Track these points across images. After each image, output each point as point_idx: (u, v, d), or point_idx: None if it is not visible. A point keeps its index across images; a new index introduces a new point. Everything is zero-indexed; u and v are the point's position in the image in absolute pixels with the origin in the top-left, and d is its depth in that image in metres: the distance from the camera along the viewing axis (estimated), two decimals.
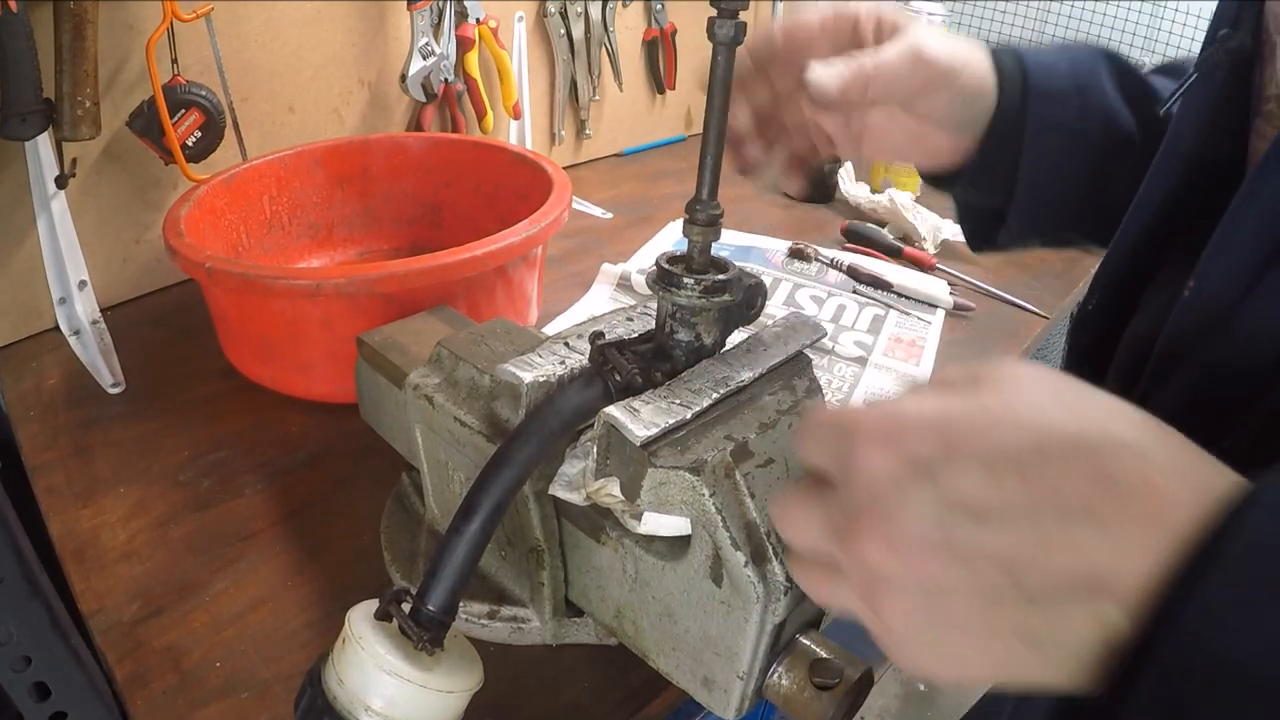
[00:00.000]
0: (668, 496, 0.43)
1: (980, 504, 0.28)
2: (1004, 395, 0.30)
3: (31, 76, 0.77)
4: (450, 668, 0.43)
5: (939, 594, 0.29)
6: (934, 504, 0.29)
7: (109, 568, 0.64)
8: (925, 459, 0.29)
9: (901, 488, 0.29)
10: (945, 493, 0.29)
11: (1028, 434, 0.28)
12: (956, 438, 0.29)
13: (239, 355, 0.84)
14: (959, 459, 0.29)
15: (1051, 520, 0.27)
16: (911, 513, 0.29)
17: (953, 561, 0.28)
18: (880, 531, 0.30)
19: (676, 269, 0.48)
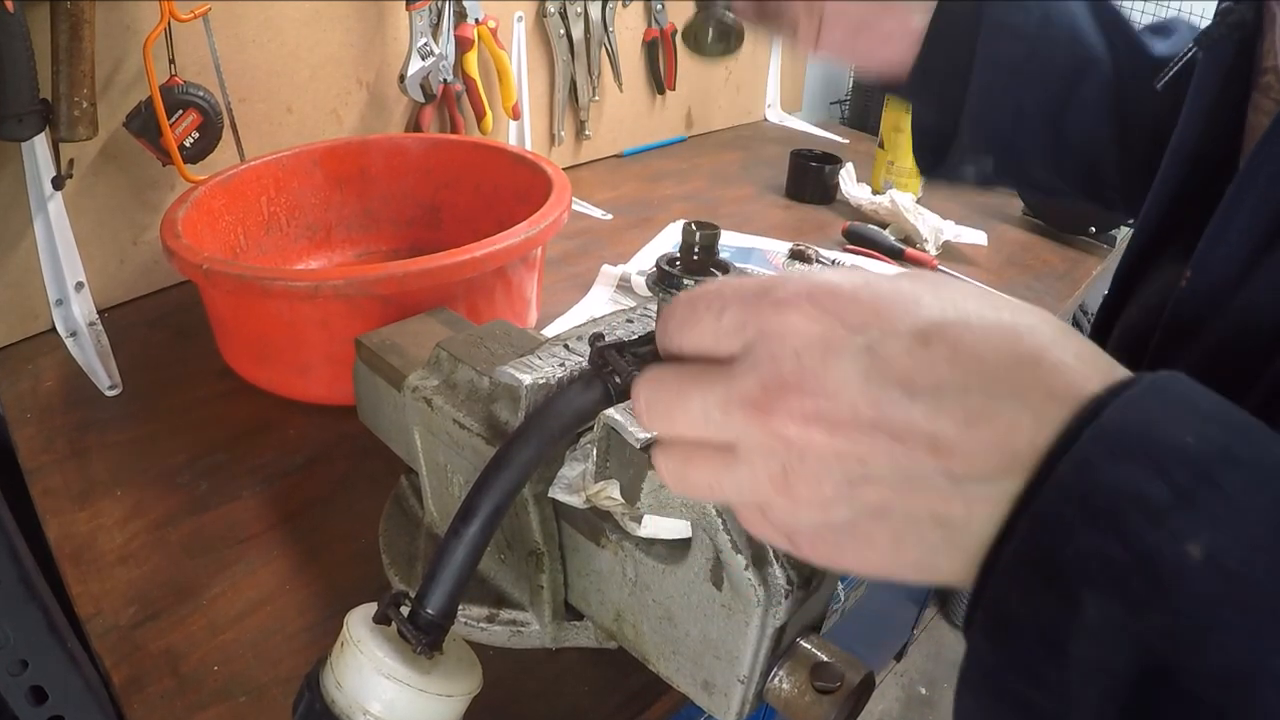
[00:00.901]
0: (668, 499, 0.43)
1: (913, 376, 0.26)
2: (925, 279, 0.29)
3: (28, 77, 0.77)
4: (449, 671, 0.43)
5: (862, 475, 0.27)
6: (865, 373, 0.27)
7: (106, 571, 0.64)
8: (855, 323, 0.27)
9: (833, 353, 0.27)
10: (878, 362, 0.27)
11: (954, 310, 0.27)
12: (887, 307, 0.27)
13: (237, 357, 0.84)
14: (890, 329, 0.27)
15: (979, 395, 0.26)
16: (842, 382, 0.27)
17: (879, 438, 0.27)
18: (806, 402, 0.27)
19: (676, 270, 0.47)
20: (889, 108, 1.34)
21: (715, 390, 0.29)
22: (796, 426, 0.27)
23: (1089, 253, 1.23)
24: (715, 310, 0.30)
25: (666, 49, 1.49)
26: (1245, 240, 0.40)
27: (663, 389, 0.31)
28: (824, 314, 0.28)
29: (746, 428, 0.29)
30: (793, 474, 0.28)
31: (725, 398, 0.29)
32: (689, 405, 0.30)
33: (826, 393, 0.27)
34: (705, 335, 0.30)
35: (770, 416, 0.28)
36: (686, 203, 1.35)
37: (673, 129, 1.62)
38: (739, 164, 1.51)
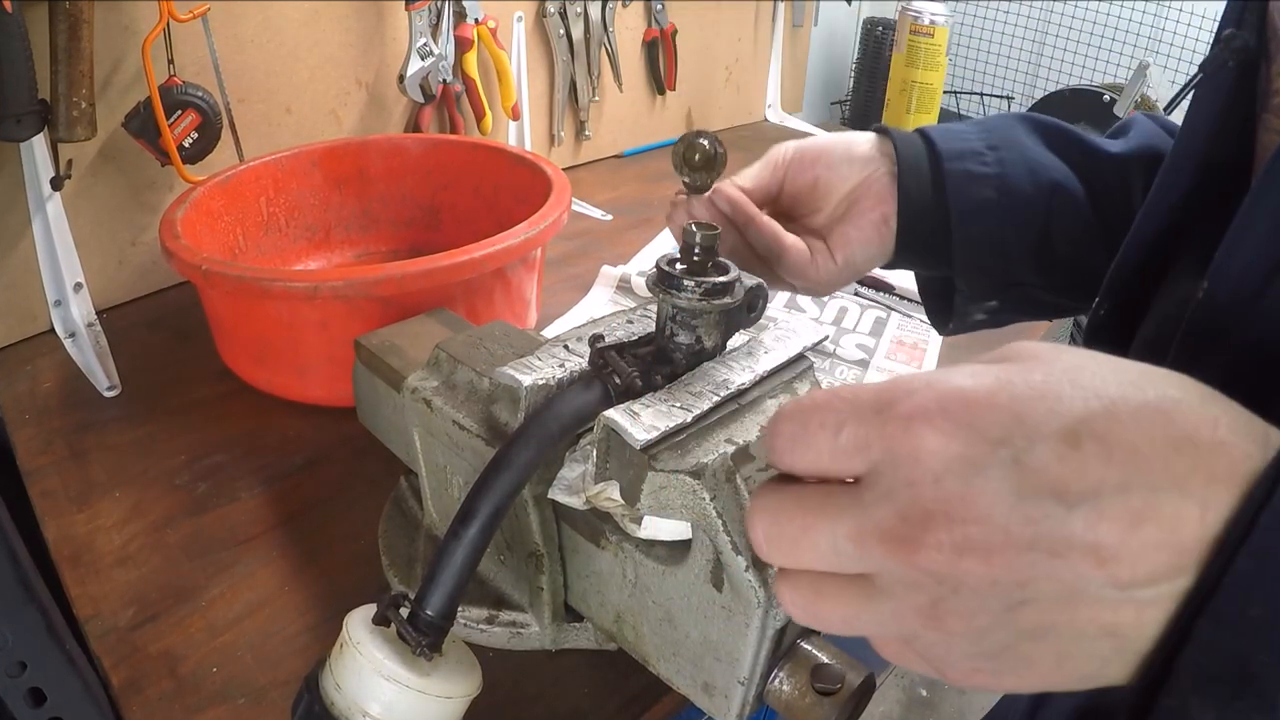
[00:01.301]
0: (668, 500, 0.43)
1: (1067, 484, 0.24)
2: (1054, 366, 0.26)
3: (26, 77, 0.77)
4: (448, 673, 0.43)
5: (1021, 600, 0.25)
6: (1016, 489, 0.25)
7: (105, 572, 0.64)
8: (999, 438, 0.25)
9: (977, 472, 0.25)
10: (1027, 475, 0.24)
11: (1098, 399, 0.25)
12: (1026, 409, 0.25)
13: (235, 358, 0.84)
14: (1033, 436, 0.25)
15: (1140, 492, 0.24)
16: (992, 503, 0.25)
17: (1039, 556, 0.24)
18: (954, 532, 0.25)
19: (676, 271, 0.47)
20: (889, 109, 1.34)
21: (844, 521, 0.27)
22: (946, 559, 0.25)
23: None
24: (830, 428, 0.28)
25: (667, 49, 1.49)
26: (1263, 251, 0.39)
27: (784, 521, 0.28)
28: (959, 428, 0.25)
29: (886, 561, 0.26)
30: (943, 606, 0.26)
31: (858, 530, 0.27)
32: (816, 539, 0.28)
33: (975, 518, 0.25)
34: (822, 455, 0.28)
35: (915, 551, 0.25)
36: None
37: (673, 129, 1.61)
38: (740, 164, 1.49)
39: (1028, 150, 0.59)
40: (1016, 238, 0.60)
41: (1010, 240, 0.60)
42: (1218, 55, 0.44)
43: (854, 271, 0.61)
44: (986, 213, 0.59)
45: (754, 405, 0.47)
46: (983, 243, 0.59)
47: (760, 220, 0.59)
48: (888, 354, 0.94)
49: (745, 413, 0.46)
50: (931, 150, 0.59)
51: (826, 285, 0.61)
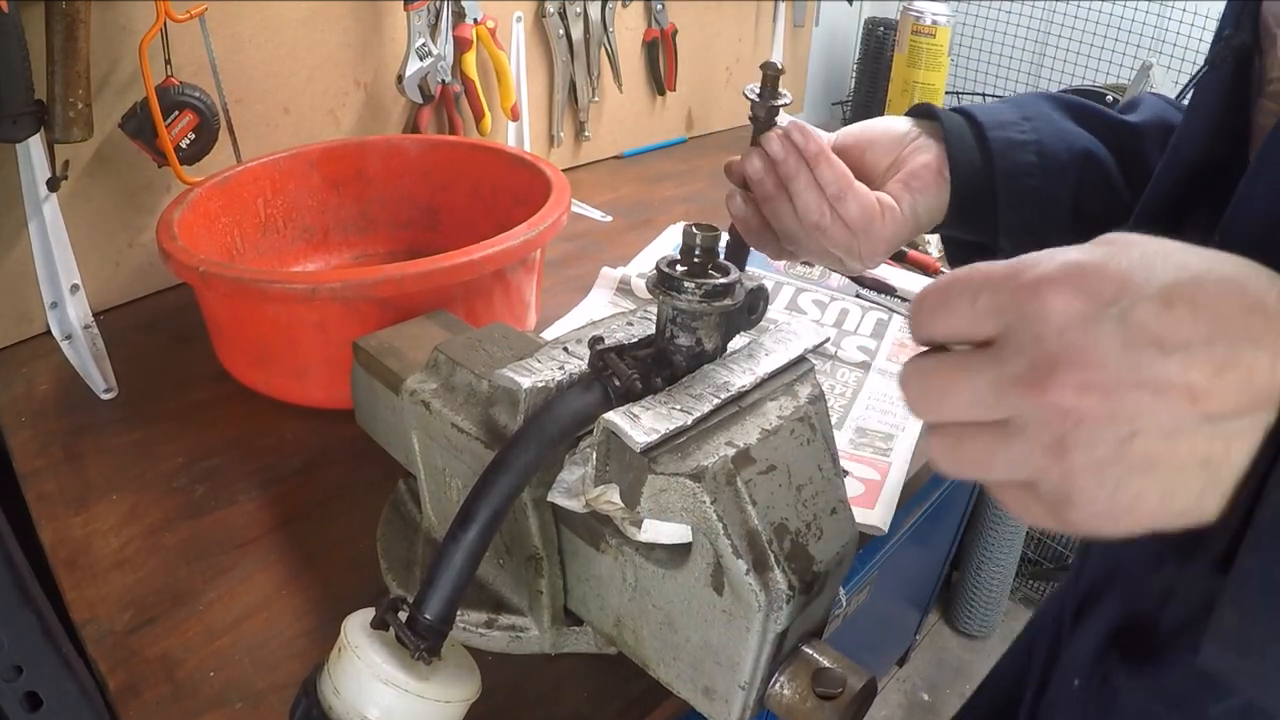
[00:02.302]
0: (668, 503, 0.43)
1: (1164, 336, 0.29)
2: (1147, 246, 0.32)
3: (23, 78, 0.77)
4: (447, 677, 0.43)
5: (1131, 432, 0.30)
6: (1124, 340, 0.30)
7: (101, 576, 0.63)
8: (1110, 299, 0.30)
9: (1093, 327, 0.30)
10: (1132, 328, 0.30)
11: (1185, 270, 0.30)
12: (1129, 277, 0.30)
13: (233, 360, 0.83)
14: (1135, 297, 0.30)
15: (1223, 344, 0.29)
16: (1106, 351, 0.30)
17: (1145, 395, 0.30)
18: (1076, 374, 0.30)
19: (677, 273, 0.47)
20: (891, 110, 1.34)
21: (984, 374, 0.32)
22: (1070, 396, 0.30)
23: None
24: (969, 296, 0.33)
25: (667, 49, 1.49)
26: (1261, 224, 0.43)
27: (932, 378, 0.34)
28: (1078, 290, 0.31)
29: (1021, 404, 0.31)
30: (1068, 440, 0.30)
31: (996, 379, 0.32)
32: (958, 391, 0.33)
33: (1092, 363, 0.30)
34: (962, 320, 0.33)
35: (1045, 391, 0.30)
36: (687, 205, 1.34)
37: (673, 130, 1.61)
38: None
39: (1058, 122, 0.64)
40: (1056, 200, 0.63)
41: (1050, 202, 0.63)
42: (1219, 51, 0.50)
43: (917, 226, 0.63)
44: (1029, 174, 0.62)
45: (755, 408, 0.47)
46: (1028, 202, 0.62)
47: (831, 156, 0.59)
48: (889, 356, 0.94)
49: (746, 415, 0.46)
50: (971, 120, 0.63)
51: (886, 244, 0.62)
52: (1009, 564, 1.81)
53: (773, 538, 0.43)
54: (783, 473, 0.45)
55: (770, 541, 0.43)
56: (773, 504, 0.44)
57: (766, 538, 0.43)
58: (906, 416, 0.84)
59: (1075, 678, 0.60)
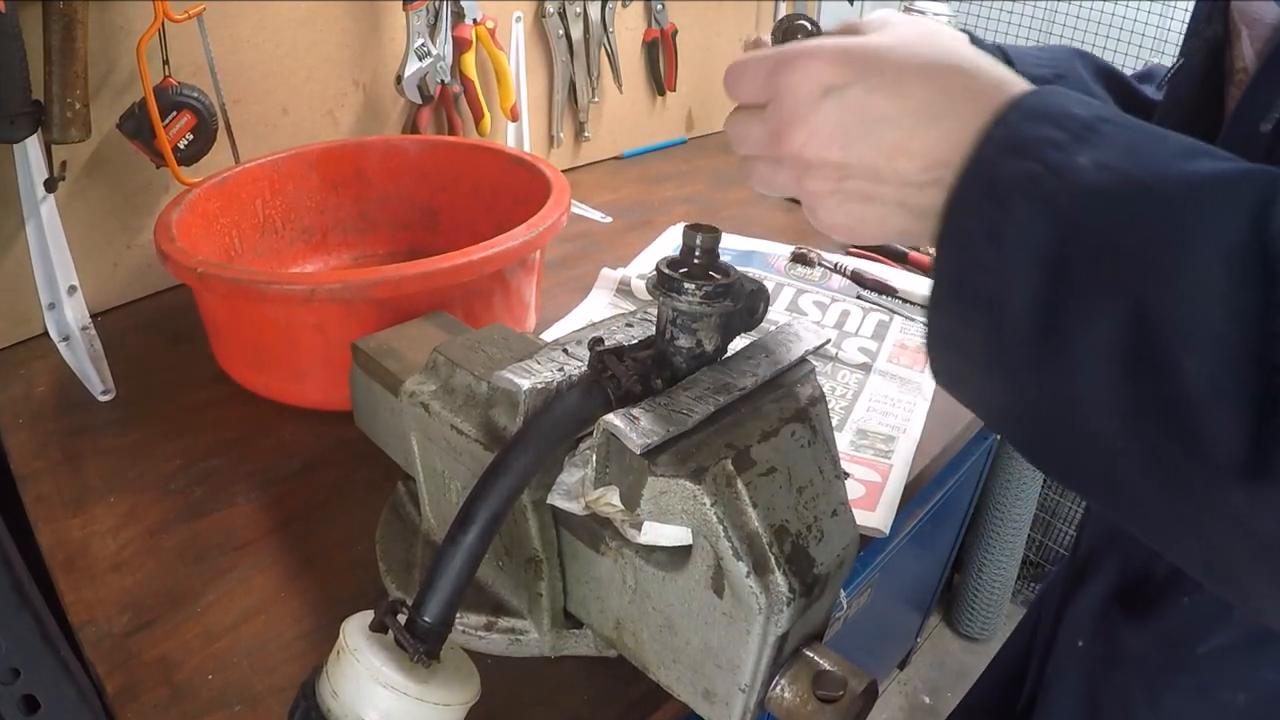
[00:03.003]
0: (668, 506, 0.43)
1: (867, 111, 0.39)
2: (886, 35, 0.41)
3: (20, 78, 0.76)
4: (447, 680, 0.43)
5: (845, 174, 0.41)
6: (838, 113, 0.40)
7: (99, 578, 0.63)
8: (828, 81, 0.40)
9: (814, 102, 0.40)
10: (845, 105, 0.40)
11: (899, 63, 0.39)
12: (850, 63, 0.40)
13: (231, 362, 0.83)
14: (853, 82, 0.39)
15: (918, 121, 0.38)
16: (822, 119, 0.40)
17: (852, 152, 0.40)
18: (800, 131, 0.41)
19: (677, 274, 0.47)
20: None
21: (757, 128, 0.43)
22: (798, 148, 0.41)
23: None
24: (750, 76, 0.43)
25: (667, 49, 1.49)
26: None
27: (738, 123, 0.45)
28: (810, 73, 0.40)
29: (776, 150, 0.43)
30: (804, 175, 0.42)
31: (763, 133, 0.43)
32: (748, 134, 0.44)
33: (812, 126, 0.40)
34: (747, 92, 0.44)
35: (781, 143, 0.42)
36: (687, 205, 1.34)
37: (673, 130, 1.61)
38: None
39: (1088, 84, 0.71)
40: None
41: None
42: (1192, 44, 0.58)
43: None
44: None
45: (755, 410, 0.47)
46: None
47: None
48: (890, 357, 0.94)
49: (746, 417, 0.46)
50: (1006, 58, 0.71)
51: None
52: (1010, 567, 1.81)
53: (773, 540, 0.43)
54: (783, 475, 0.45)
55: (771, 544, 0.43)
56: (773, 506, 0.43)
57: (767, 540, 0.42)
58: (908, 418, 0.84)
59: (1079, 639, 0.68)
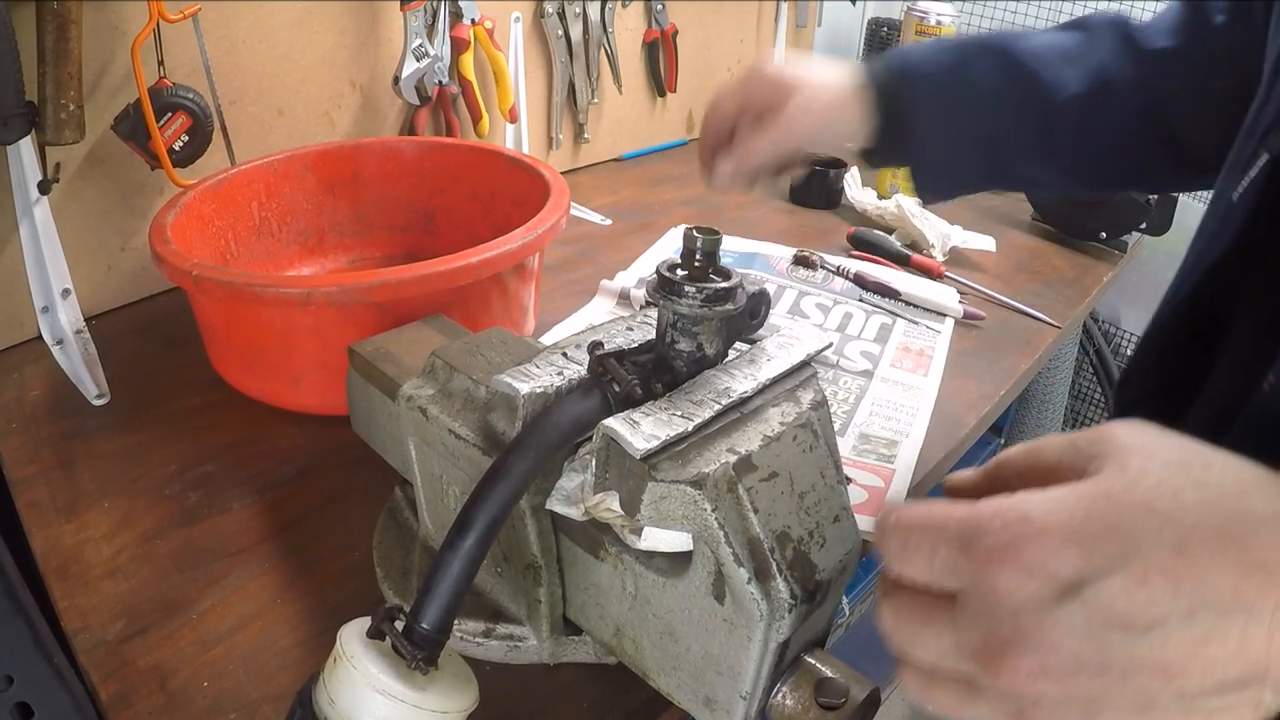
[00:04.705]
0: (668, 511, 0.42)
1: (1134, 618, 0.28)
2: (1129, 477, 0.29)
3: (13, 79, 0.76)
4: (445, 687, 0.42)
5: (1098, 709, 0.29)
6: (1085, 623, 0.28)
7: (93, 584, 0.63)
8: (1067, 577, 0.28)
9: (1047, 611, 0.28)
10: (1095, 610, 0.28)
11: (1168, 527, 0.28)
12: (1093, 543, 0.28)
13: (227, 366, 0.83)
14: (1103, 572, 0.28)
15: (1205, 619, 0.27)
16: (1063, 636, 0.28)
17: (1110, 677, 0.28)
18: (1030, 660, 0.28)
19: (678, 277, 0.47)
20: None
21: (946, 634, 0.31)
22: (1023, 681, 0.29)
23: (1099, 259, 1.23)
24: (926, 550, 0.32)
25: (667, 50, 1.49)
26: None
27: (906, 617, 0.33)
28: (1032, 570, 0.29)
29: (981, 677, 0.30)
30: (1028, 715, 0.29)
31: (955, 644, 0.31)
32: (927, 639, 0.32)
33: (1047, 648, 0.28)
34: (921, 572, 0.32)
35: (997, 673, 0.29)
36: (688, 208, 1.34)
37: (673, 132, 1.61)
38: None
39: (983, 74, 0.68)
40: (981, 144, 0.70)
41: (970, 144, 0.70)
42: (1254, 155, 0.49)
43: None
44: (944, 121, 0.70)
45: (756, 414, 0.46)
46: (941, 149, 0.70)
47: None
48: (893, 361, 0.93)
49: (747, 422, 0.46)
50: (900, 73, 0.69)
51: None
52: None
53: (775, 546, 0.42)
54: (785, 480, 0.44)
55: (772, 550, 0.42)
56: (774, 511, 0.43)
57: (768, 546, 0.42)
58: (911, 422, 0.83)
59: None
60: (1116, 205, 1.20)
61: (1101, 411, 1.81)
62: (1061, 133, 0.66)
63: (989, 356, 0.97)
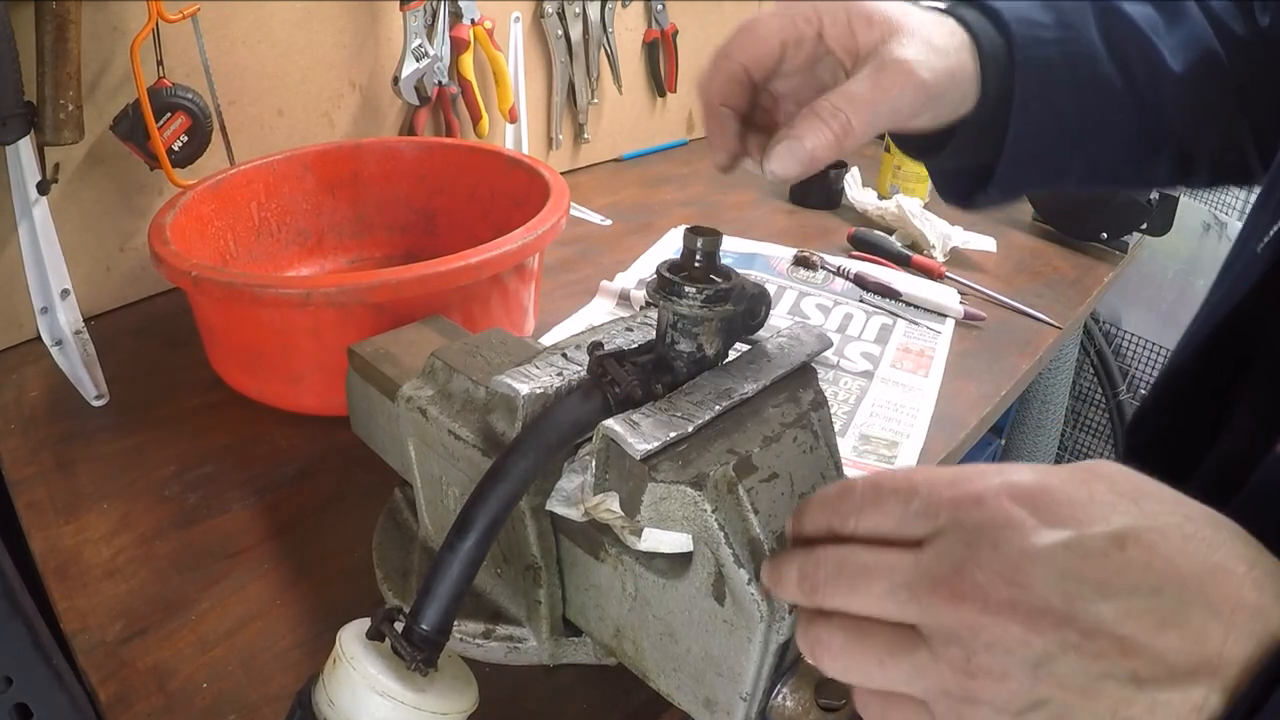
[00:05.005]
0: (668, 512, 0.42)
1: (1108, 577, 0.28)
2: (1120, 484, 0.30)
3: (12, 79, 0.76)
4: (444, 689, 0.42)
5: (1048, 671, 0.28)
6: (1062, 568, 0.28)
7: (92, 586, 0.63)
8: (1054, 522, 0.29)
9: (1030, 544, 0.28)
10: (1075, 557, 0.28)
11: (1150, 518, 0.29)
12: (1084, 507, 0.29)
13: (226, 366, 0.83)
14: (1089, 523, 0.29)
15: (1171, 600, 0.27)
16: (1039, 575, 0.28)
17: (1069, 633, 0.28)
18: (1000, 589, 0.28)
19: (678, 278, 0.46)
20: None
21: (903, 570, 0.30)
22: (989, 614, 0.28)
23: (1100, 260, 1.23)
24: (903, 495, 0.31)
25: (667, 50, 1.49)
26: None
27: (850, 562, 0.32)
28: (1023, 507, 0.29)
29: (934, 608, 0.29)
30: (976, 662, 0.28)
31: (914, 578, 0.30)
32: (873, 583, 0.31)
33: (1022, 583, 0.28)
34: (889, 518, 0.32)
35: (963, 601, 0.28)
36: (688, 208, 1.34)
37: (673, 132, 1.61)
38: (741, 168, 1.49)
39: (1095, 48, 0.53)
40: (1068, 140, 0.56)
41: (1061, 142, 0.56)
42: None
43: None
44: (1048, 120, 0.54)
45: (756, 415, 0.46)
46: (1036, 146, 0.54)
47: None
48: (893, 362, 0.93)
49: (747, 422, 0.45)
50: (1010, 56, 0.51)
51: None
52: None
53: (775, 547, 0.42)
54: (785, 480, 0.44)
55: (772, 551, 0.42)
56: (775, 512, 0.43)
57: (769, 547, 0.42)
58: (912, 423, 0.83)
59: None
60: (1118, 205, 1.20)
61: (1102, 412, 1.81)
62: (1173, 111, 0.54)
63: (989, 357, 0.97)
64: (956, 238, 1.18)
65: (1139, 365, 1.75)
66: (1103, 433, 1.83)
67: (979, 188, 0.56)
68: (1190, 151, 0.57)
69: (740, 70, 0.49)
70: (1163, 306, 1.69)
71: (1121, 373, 1.75)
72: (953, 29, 0.48)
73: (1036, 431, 1.70)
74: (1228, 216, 1.54)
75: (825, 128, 0.44)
